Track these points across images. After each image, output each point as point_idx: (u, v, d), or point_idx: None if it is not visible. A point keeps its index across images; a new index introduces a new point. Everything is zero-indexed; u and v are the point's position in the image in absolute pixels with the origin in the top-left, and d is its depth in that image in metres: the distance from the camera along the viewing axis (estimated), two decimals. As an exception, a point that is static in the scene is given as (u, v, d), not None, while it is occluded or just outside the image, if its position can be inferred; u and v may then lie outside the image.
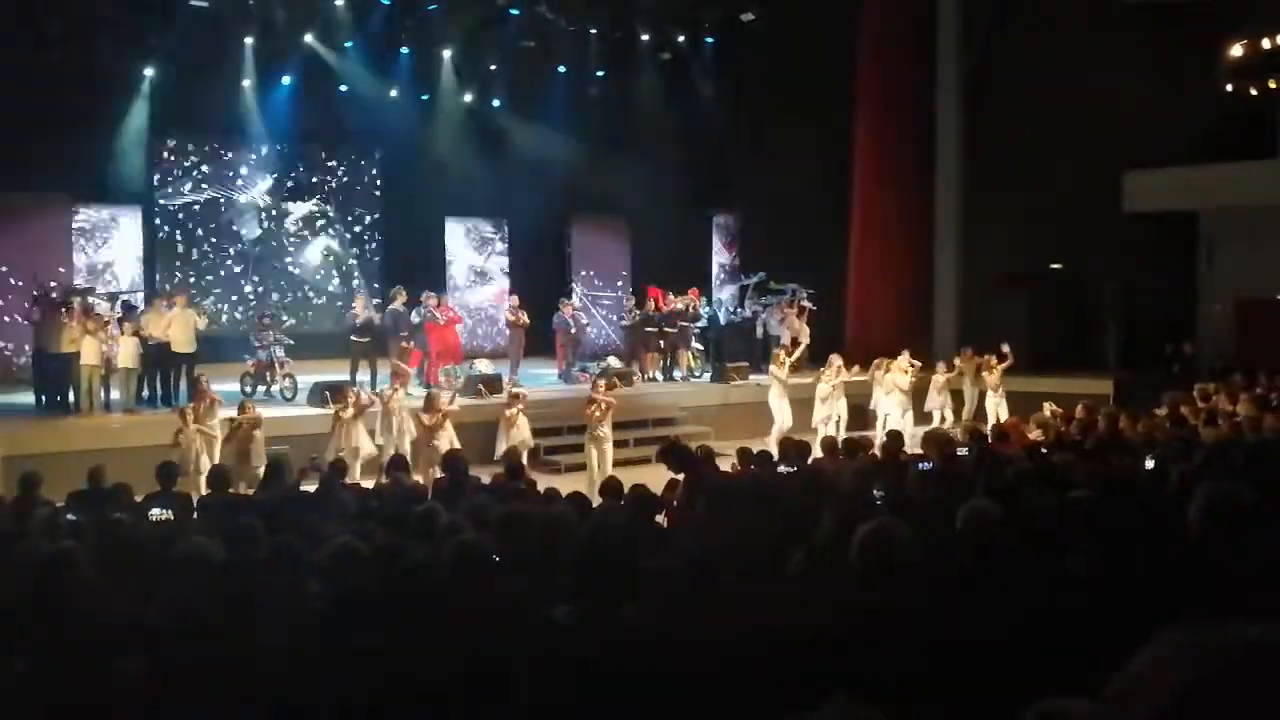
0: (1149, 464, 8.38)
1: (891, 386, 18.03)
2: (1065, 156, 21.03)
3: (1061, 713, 1.88)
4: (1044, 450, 10.31)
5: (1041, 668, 2.87)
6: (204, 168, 22.69)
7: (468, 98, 24.28)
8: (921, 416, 18.29)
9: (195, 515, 8.76)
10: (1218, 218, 22.06)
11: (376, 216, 24.83)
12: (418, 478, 11.75)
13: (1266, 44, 20.95)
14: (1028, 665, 2.97)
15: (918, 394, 18.51)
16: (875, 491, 7.22)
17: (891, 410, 17.86)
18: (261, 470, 11.33)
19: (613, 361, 20.63)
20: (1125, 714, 1.32)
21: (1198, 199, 21.46)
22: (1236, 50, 21.36)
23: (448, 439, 13.67)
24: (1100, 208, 21.25)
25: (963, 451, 10.27)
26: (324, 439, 13.89)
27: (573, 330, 20.47)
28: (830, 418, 17.30)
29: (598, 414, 14.30)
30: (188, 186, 22.55)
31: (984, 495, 5.39)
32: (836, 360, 17.97)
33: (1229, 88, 21.72)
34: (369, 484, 11.03)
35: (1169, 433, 11.22)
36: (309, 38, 21.61)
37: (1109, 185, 21.20)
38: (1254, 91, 21.42)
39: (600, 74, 24.67)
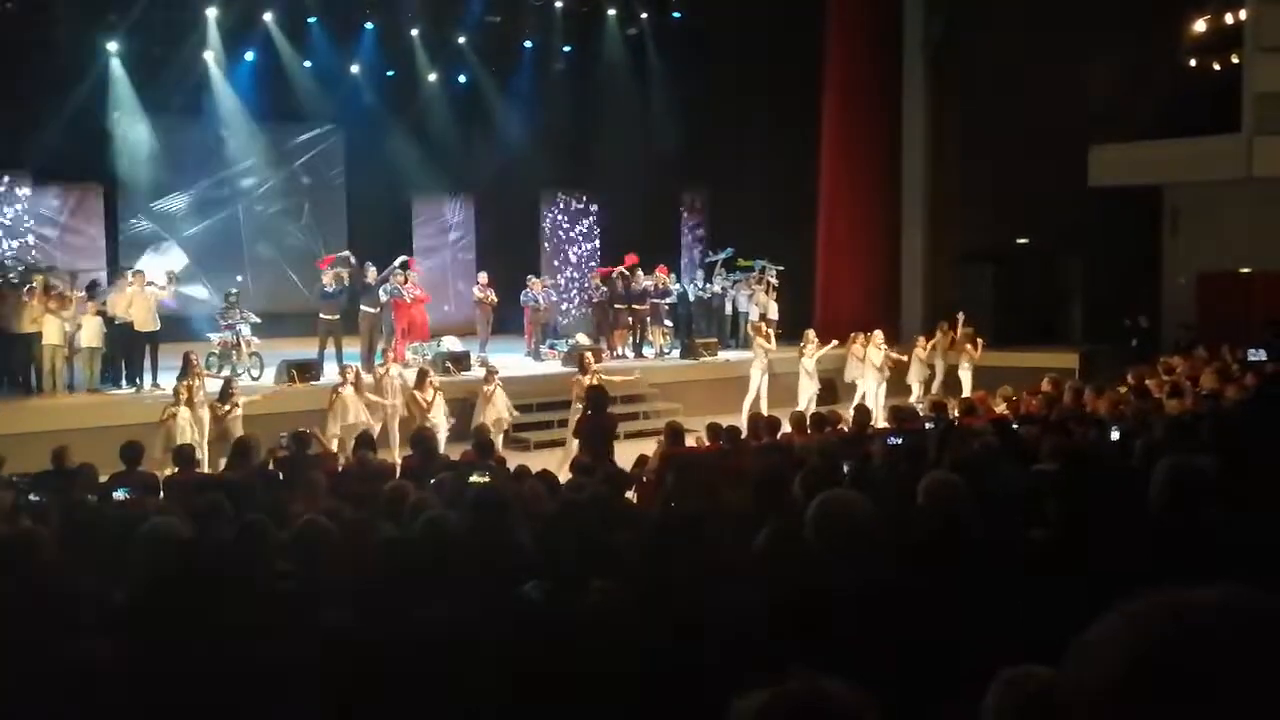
0: (1114, 436, 8.46)
1: (870, 362, 18.12)
2: (1031, 132, 21.12)
3: (1026, 679, 1.90)
4: (1010, 424, 10.38)
5: (1005, 638, 2.89)
6: (166, 144, 22.42)
7: (433, 75, 24.12)
8: (898, 391, 18.36)
9: (161, 495, 8.71)
10: (1182, 192, 22.24)
11: (342, 194, 24.66)
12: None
13: (1229, 19, 21.11)
14: (991, 635, 3.00)
15: (896, 369, 18.57)
16: (843, 465, 7.26)
17: (869, 386, 17.96)
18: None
19: (581, 338, 20.60)
20: (1080, 681, 1.33)
21: (1162, 173, 21.61)
22: (1200, 25, 21.51)
23: (442, 414, 13.83)
24: (1066, 183, 21.37)
25: (930, 425, 10.34)
26: (293, 417, 13.79)
27: (541, 307, 20.42)
28: (814, 395, 17.45)
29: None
30: (150, 163, 22.27)
31: (948, 468, 5.43)
32: (813, 336, 18.11)
33: (1193, 63, 21.89)
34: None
35: (1133, 405, 11.32)
36: (268, 17, 21.38)
37: (1075, 160, 21.31)
38: (1217, 66, 21.59)
39: (567, 49, 24.57)
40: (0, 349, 15.97)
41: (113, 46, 20.43)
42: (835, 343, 18.42)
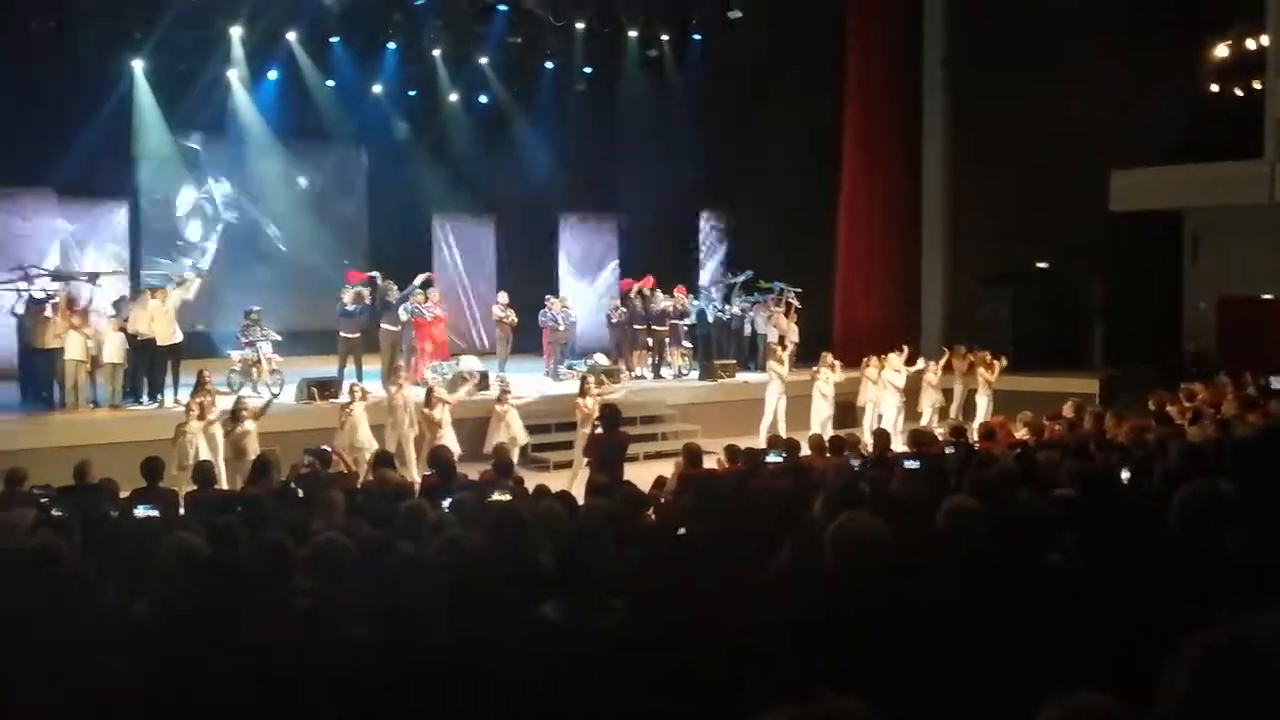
0: (1133, 462, 8.41)
1: (886, 384, 18.06)
2: (1052, 155, 21.08)
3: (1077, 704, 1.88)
4: (1029, 449, 10.35)
5: (1021, 663, 2.89)
6: (190, 161, 22.59)
7: (455, 95, 24.24)
8: (913, 414, 18.31)
9: (182, 511, 8.75)
10: (1203, 216, 22.16)
11: (363, 213, 24.78)
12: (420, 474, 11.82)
13: (1251, 44, 21.06)
14: (1007, 660, 2.99)
15: (910, 392, 18.53)
16: (862, 488, 7.24)
17: (886, 409, 17.90)
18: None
19: (600, 359, 20.62)
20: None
21: (1183, 198, 21.54)
22: (1222, 51, 21.49)
23: (449, 434, 13.85)
24: (1087, 206, 21.31)
25: (949, 450, 10.32)
26: (311, 435, 13.84)
27: (560, 327, 20.46)
28: (830, 417, 17.39)
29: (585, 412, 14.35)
30: (174, 180, 22.45)
31: (968, 493, 5.42)
32: (830, 358, 18.07)
33: (1215, 88, 21.85)
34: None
35: (1154, 431, 11.27)
36: (291, 36, 21.55)
37: (1095, 184, 21.25)
38: (1239, 92, 21.55)
39: (588, 70, 24.67)
40: (25, 364, 16.11)
41: (138, 64, 20.62)
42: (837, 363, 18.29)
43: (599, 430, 11.68)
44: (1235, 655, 1.34)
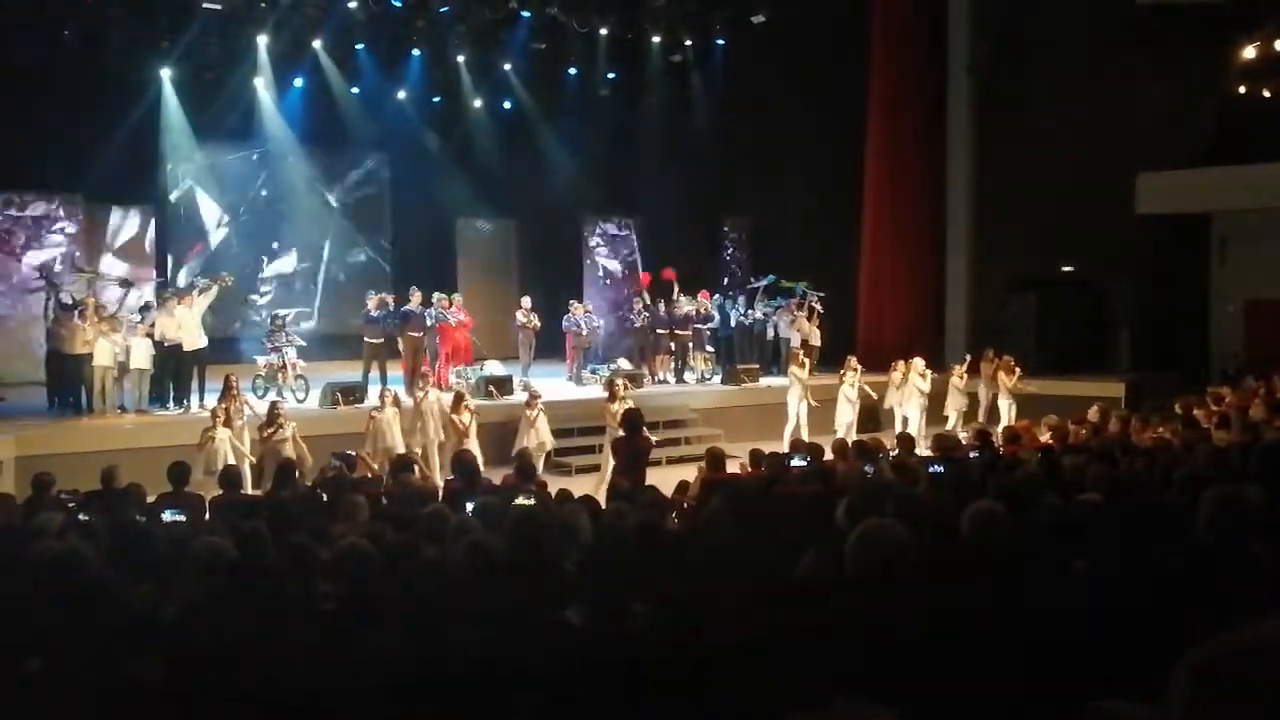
0: (1159, 467, 8.36)
1: (912, 389, 18.03)
2: (1077, 158, 20.98)
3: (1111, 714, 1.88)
4: (1054, 453, 10.29)
5: (1045, 670, 2.88)
6: (217, 168, 22.73)
7: (478, 101, 24.32)
8: (937, 419, 18.25)
9: (207, 516, 8.80)
10: (1230, 219, 22.00)
11: (388, 218, 24.88)
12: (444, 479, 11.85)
13: (1279, 45, 20.89)
14: (1031, 667, 2.98)
15: (935, 397, 18.48)
16: (886, 493, 7.22)
17: (912, 413, 17.88)
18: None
19: (623, 363, 20.63)
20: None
21: (1210, 201, 21.40)
22: (1249, 52, 21.32)
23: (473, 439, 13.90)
24: (1112, 210, 21.20)
25: (974, 454, 10.27)
26: (336, 440, 13.88)
27: (583, 332, 20.47)
28: (853, 422, 17.36)
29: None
30: (201, 187, 22.59)
31: (992, 497, 5.39)
32: (855, 363, 18.04)
33: (1241, 89, 21.68)
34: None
35: (1181, 435, 11.20)
36: (317, 44, 21.66)
37: (1121, 187, 21.15)
38: (1267, 93, 21.37)
39: (611, 76, 24.71)
40: (53, 370, 16.23)
41: (166, 72, 20.80)
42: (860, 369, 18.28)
43: (621, 434, 11.70)
44: (1238, 661, 1.34)
